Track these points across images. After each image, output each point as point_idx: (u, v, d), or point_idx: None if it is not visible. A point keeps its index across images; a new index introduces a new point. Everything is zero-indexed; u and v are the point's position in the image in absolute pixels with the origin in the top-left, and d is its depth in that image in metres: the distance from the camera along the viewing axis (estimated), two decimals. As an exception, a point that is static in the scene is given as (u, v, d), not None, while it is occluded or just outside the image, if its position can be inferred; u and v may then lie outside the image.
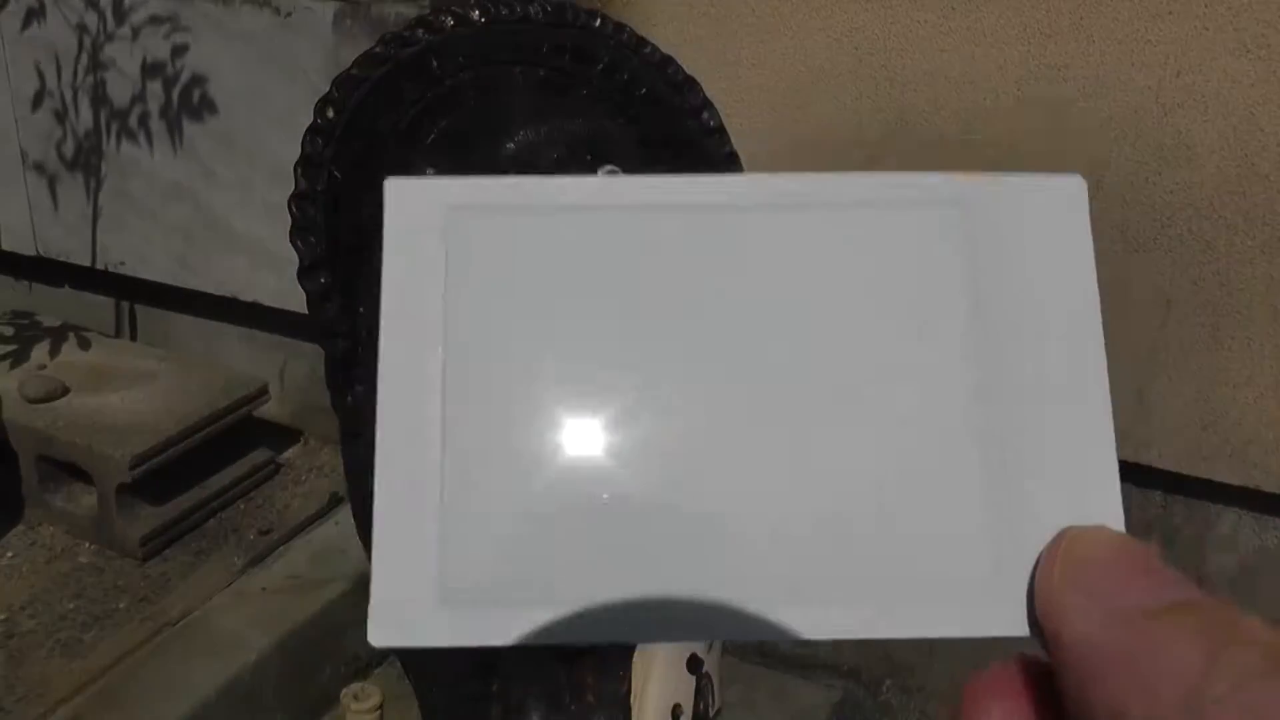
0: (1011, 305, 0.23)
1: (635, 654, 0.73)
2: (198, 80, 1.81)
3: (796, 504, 0.22)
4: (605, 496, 0.22)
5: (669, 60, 0.72)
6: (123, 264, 2.01)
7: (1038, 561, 0.22)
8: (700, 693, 0.75)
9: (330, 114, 0.66)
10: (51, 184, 2.01)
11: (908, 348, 0.23)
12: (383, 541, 0.22)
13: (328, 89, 0.66)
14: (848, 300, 0.23)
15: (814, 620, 0.22)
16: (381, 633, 0.22)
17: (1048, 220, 0.24)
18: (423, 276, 0.23)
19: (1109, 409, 0.23)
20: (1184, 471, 1.48)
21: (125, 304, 2.16)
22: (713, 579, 0.22)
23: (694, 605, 0.22)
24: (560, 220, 0.23)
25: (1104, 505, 0.22)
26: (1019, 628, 0.21)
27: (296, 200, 0.66)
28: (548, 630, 0.22)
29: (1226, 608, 0.19)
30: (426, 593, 0.22)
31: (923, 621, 0.22)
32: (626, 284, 0.23)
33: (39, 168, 2.01)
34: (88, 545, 1.77)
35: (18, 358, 1.93)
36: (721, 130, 0.73)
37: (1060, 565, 0.21)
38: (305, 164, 0.66)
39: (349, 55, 0.79)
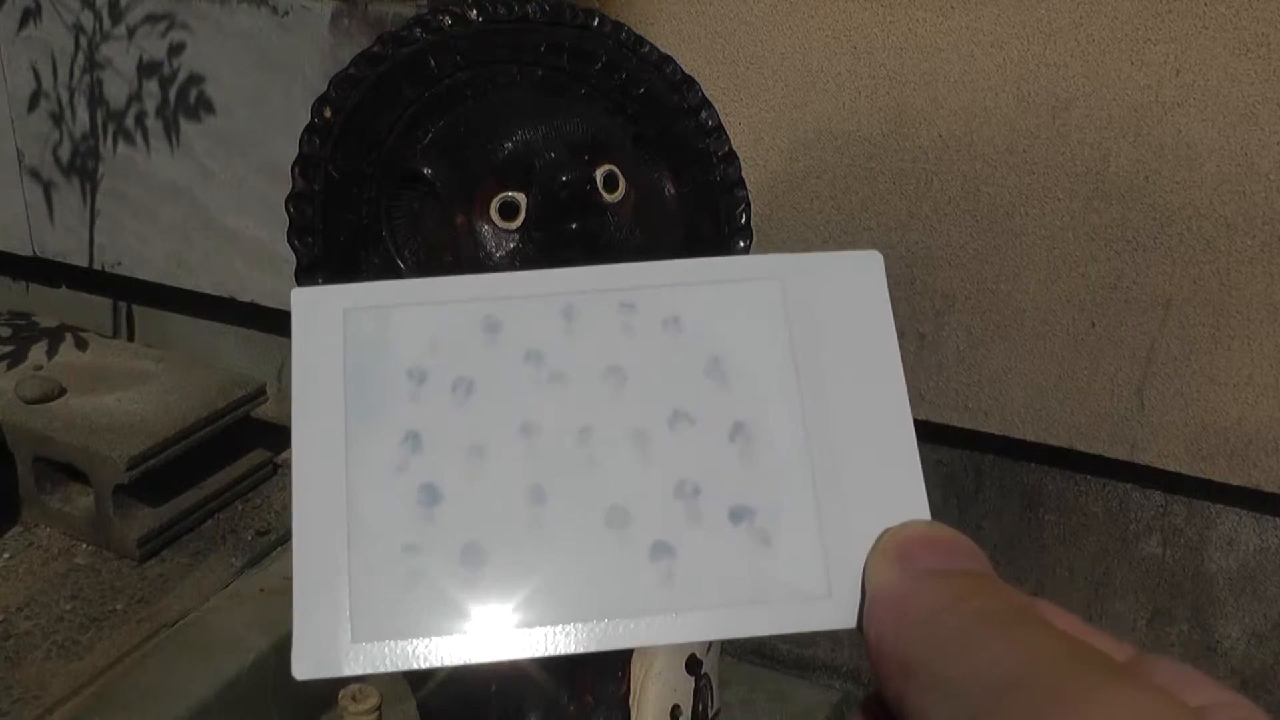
0: (828, 358, 0.29)
1: (634, 655, 0.73)
2: (194, 79, 1.81)
3: (667, 535, 0.27)
4: (479, 547, 0.27)
5: (667, 59, 0.72)
6: (120, 264, 2.01)
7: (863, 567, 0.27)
8: (699, 694, 0.75)
9: (328, 114, 0.65)
10: (48, 184, 2.00)
11: (745, 399, 0.28)
12: (302, 592, 0.27)
13: (325, 88, 0.66)
14: (691, 364, 0.28)
15: (685, 626, 0.27)
16: (303, 666, 0.26)
17: (853, 287, 0.29)
18: (326, 365, 0.28)
19: (913, 437, 0.28)
20: (1184, 471, 1.48)
21: (122, 304, 2.16)
22: (587, 592, 0.26)
23: (568, 623, 0.26)
24: (434, 311, 0.29)
25: (916, 515, 0.28)
26: (847, 622, 0.27)
27: (294, 200, 0.65)
28: (437, 655, 0.26)
29: (986, 578, 0.25)
30: (342, 632, 0.27)
31: (774, 622, 0.27)
32: (490, 360, 0.28)
33: (35, 168, 2.00)
34: (85, 546, 1.76)
35: (15, 358, 1.93)
36: (720, 129, 0.73)
37: (885, 541, 0.27)
38: (303, 164, 0.65)
39: (347, 55, 0.79)
